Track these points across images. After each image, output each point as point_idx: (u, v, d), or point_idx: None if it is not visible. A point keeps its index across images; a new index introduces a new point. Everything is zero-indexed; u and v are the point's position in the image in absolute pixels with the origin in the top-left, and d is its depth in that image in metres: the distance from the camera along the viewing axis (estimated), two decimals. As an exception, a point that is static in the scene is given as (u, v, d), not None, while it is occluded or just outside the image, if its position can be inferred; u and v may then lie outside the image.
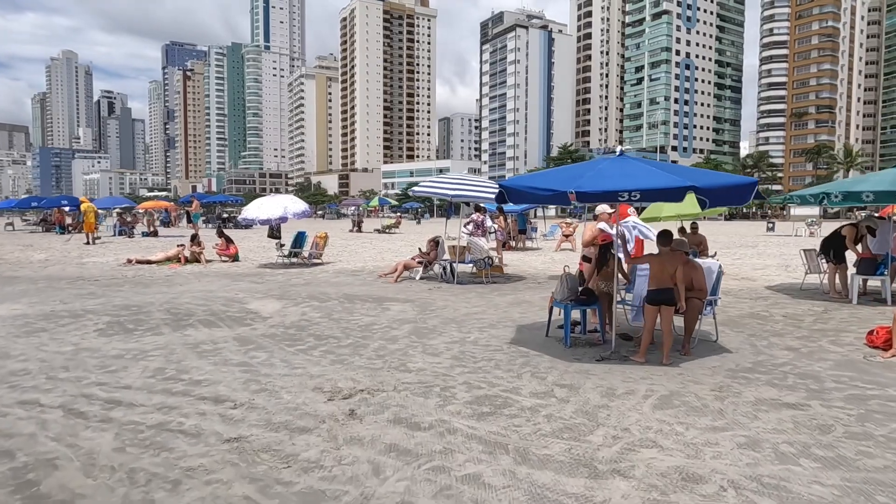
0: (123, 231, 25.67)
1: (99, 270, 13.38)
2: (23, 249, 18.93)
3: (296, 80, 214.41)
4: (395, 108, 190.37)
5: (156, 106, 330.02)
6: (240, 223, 18.96)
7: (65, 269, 13.77)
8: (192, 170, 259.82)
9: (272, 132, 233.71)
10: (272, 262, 14.72)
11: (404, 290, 10.31)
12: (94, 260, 15.45)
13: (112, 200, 31.19)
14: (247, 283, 11.28)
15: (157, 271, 13.16)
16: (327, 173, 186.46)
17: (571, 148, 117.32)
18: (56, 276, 12.50)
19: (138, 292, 10.09)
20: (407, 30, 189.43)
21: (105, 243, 22.34)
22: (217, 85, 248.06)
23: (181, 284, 11.03)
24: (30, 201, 35.64)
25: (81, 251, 18.02)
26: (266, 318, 7.76)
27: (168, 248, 18.59)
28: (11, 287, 10.82)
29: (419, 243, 22.21)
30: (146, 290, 10.30)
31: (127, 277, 12.11)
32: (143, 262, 14.26)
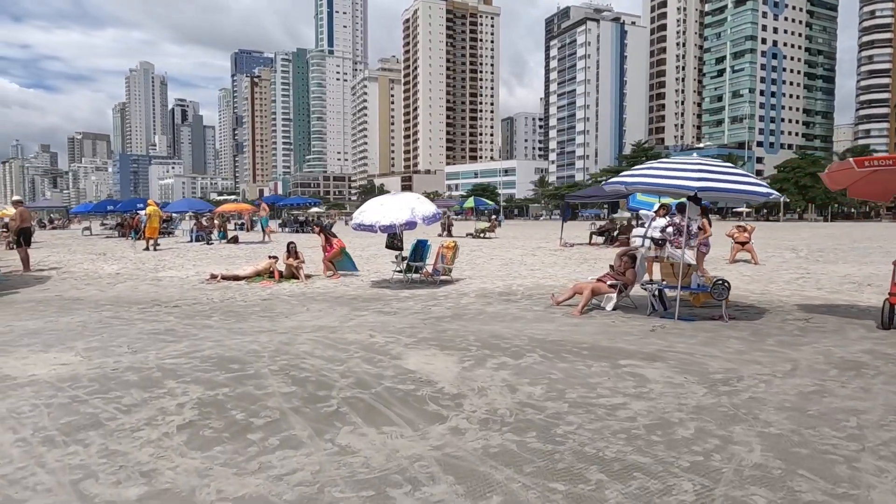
0: (201, 236, 23.57)
1: (178, 290, 10.68)
2: (94, 259, 16.78)
3: (359, 83, 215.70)
4: (458, 109, 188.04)
5: (225, 113, 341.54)
6: (321, 226, 15.81)
7: (137, 287, 11.16)
8: (260, 174, 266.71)
9: (335, 135, 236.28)
10: (386, 279, 11.66)
11: (613, 330, 6.93)
12: (171, 275, 12.87)
13: (188, 203, 29.44)
14: (373, 313, 8.18)
15: (249, 291, 10.33)
16: (390, 175, 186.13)
17: (646, 145, 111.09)
18: (126, 298, 9.84)
19: (233, 329, 7.14)
20: (470, 29, 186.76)
21: (181, 251, 20.10)
22: (283, 90, 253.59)
23: (286, 315, 8.04)
24: (106, 205, 34.68)
25: (157, 262, 15.61)
26: (454, 396, 4.53)
27: (254, 258, 15.97)
28: (69, 316, 8.14)
29: (528, 249, 18.96)
30: (243, 326, 7.34)
31: (213, 302, 9.28)
32: (229, 279, 11.51)
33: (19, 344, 6.49)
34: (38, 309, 8.87)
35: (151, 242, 20.12)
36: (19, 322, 7.81)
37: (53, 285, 11.55)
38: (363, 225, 9.75)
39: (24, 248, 13.31)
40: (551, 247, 21.30)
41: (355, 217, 10.16)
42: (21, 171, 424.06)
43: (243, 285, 11.05)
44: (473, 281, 11.31)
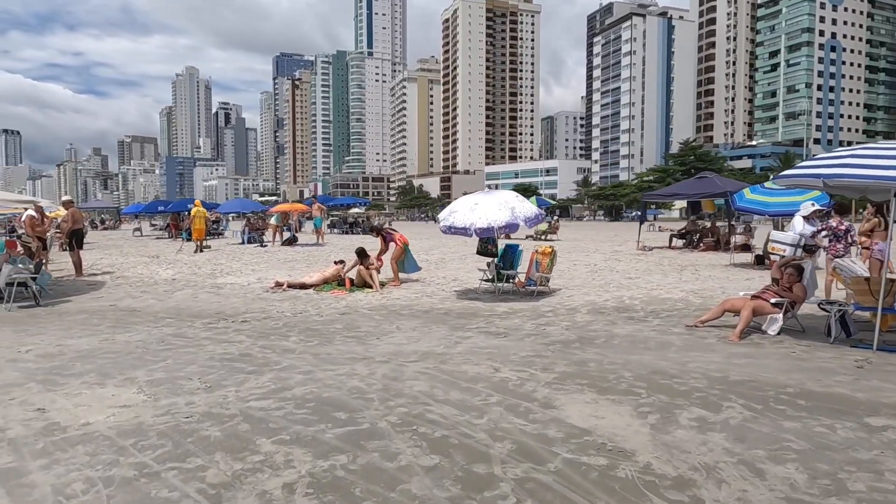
0: (253, 238, 22.74)
1: (241, 300, 9.55)
2: (148, 263, 15.95)
3: (398, 84, 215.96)
4: (497, 109, 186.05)
5: (266, 115, 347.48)
6: (378, 228, 14.06)
7: (197, 295, 10.09)
8: (300, 175, 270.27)
9: (374, 137, 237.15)
10: (469, 289, 10.29)
11: (805, 365, 5.38)
12: (230, 281, 11.81)
13: (241, 203, 28.74)
14: (478, 333, 6.81)
15: (321, 303, 9.11)
16: (428, 176, 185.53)
17: (694, 143, 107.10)
18: (187, 309, 8.75)
19: (319, 355, 5.88)
20: (510, 27, 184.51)
21: (235, 253, 19.21)
22: (323, 92, 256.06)
23: (376, 336, 6.74)
24: (156, 205, 34.48)
25: (213, 266, 14.63)
26: (677, 481, 3.11)
27: (313, 262, 14.85)
28: (127, 333, 7.04)
29: (605, 253, 16.72)
30: (330, 351, 6.08)
31: (286, 316, 8.08)
32: (295, 287, 10.34)
33: (71, 372, 5.36)
34: (92, 322, 7.83)
35: (198, 244, 19.46)
36: (71, 340, 6.73)
37: (107, 292, 10.60)
38: (455, 228, 8.40)
39: (76, 251, 12.48)
40: (626, 250, 19.61)
41: (444, 218, 8.79)
42: (75, 173, 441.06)
43: (312, 295, 9.85)
44: (572, 292, 9.83)
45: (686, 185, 20.49)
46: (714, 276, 11.67)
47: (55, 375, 5.27)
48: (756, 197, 12.20)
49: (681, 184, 21.79)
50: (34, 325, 7.76)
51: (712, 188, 17.17)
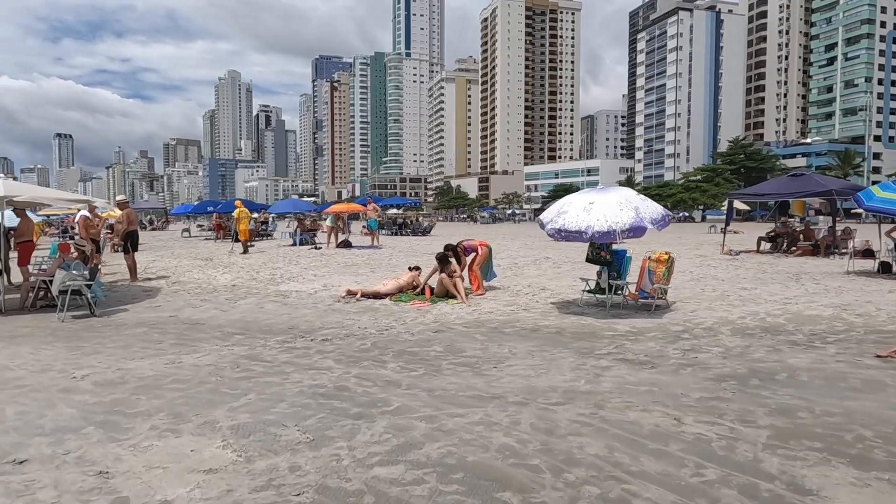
0: (305, 240, 21.92)
1: (313, 311, 8.50)
2: (202, 266, 15.17)
3: (436, 85, 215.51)
4: (537, 108, 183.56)
5: (305, 117, 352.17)
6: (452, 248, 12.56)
7: (262, 305, 9.09)
8: (338, 176, 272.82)
9: (412, 137, 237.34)
10: (567, 301, 9.02)
11: None
12: (294, 288, 10.80)
13: (292, 204, 28.05)
14: (616, 362, 5.54)
15: (404, 316, 7.97)
16: (466, 176, 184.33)
17: (744, 142, 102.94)
18: (256, 322, 7.73)
19: (433, 391, 4.72)
20: (550, 25, 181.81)
21: (289, 256, 18.35)
22: (361, 94, 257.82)
23: (494, 364, 5.54)
24: (206, 205, 34.24)
25: (272, 271, 13.70)
26: None
27: (375, 266, 13.72)
28: (194, 353, 6.02)
29: (689, 258, 13.66)
30: (446, 386, 4.91)
31: (369, 333, 6.96)
32: (369, 296, 9.24)
33: (137, 410, 4.32)
34: (153, 338, 6.87)
35: (244, 244, 19.04)
36: (132, 362, 5.75)
37: (165, 300, 9.72)
38: (566, 231, 7.11)
39: (131, 254, 11.71)
40: (709, 254, 17.95)
41: (552, 220, 7.48)
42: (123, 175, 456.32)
43: (390, 306, 8.74)
44: (692, 306, 8.45)
45: (778, 183, 18.68)
46: (846, 288, 10.08)
47: (118, 415, 4.24)
48: (892, 195, 10.49)
49: (771, 182, 19.94)
50: (90, 340, 6.84)
51: (812, 187, 15.41)
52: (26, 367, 5.66)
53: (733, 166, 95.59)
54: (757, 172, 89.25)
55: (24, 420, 4.19)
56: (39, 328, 7.65)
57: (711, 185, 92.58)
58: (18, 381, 5.19)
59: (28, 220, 10.00)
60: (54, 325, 7.84)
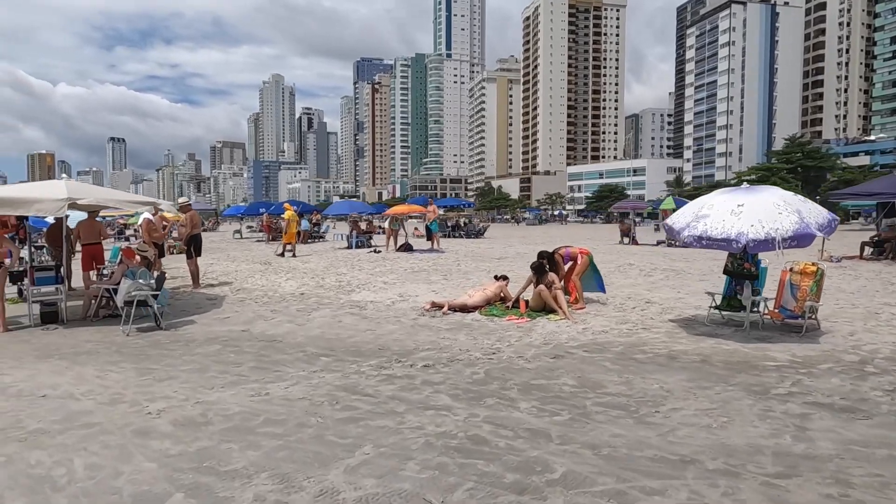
0: (361, 242, 21.20)
1: (398, 326, 7.56)
2: (263, 271, 14.50)
3: (476, 85, 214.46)
4: (580, 107, 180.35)
5: (346, 119, 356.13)
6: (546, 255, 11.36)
7: (339, 318, 8.22)
8: (378, 177, 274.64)
9: (452, 138, 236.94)
10: (688, 317, 7.84)
11: None
12: (368, 298, 9.91)
13: (349, 205, 27.42)
14: (810, 407, 4.38)
15: (503, 333, 6.95)
16: (507, 177, 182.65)
17: (802, 139, 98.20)
18: (338, 339, 6.84)
19: (598, 450, 3.67)
20: (594, 23, 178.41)
21: (349, 260, 17.59)
22: (402, 95, 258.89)
23: (652, 406, 4.45)
24: (258, 207, 34.08)
25: (338, 278, 12.88)
26: None
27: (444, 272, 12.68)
28: (281, 384, 5.14)
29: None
30: (606, 437, 3.86)
31: (473, 355, 5.96)
32: (456, 309, 8.26)
33: (230, 469, 3.41)
34: (228, 359, 6.04)
35: (289, 248, 18.76)
36: (213, 392, 4.90)
37: (232, 310, 8.96)
38: (710, 239, 5.92)
39: (194, 259, 11.06)
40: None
41: (688, 225, 6.26)
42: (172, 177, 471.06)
43: (484, 321, 7.73)
44: (843, 327, 7.14)
45: (888, 181, 16.86)
46: None
47: (209, 475, 3.35)
48: None
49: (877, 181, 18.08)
50: (159, 360, 6.06)
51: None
52: (94, 396, 4.88)
53: (790, 165, 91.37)
54: (816, 172, 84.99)
55: (97, 480, 3.34)
56: (103, 343, 6.95)
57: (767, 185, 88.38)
58: (87, 416, 4.39)
59: (94, 221, 9.41)
60: (119, 339, 7.13)
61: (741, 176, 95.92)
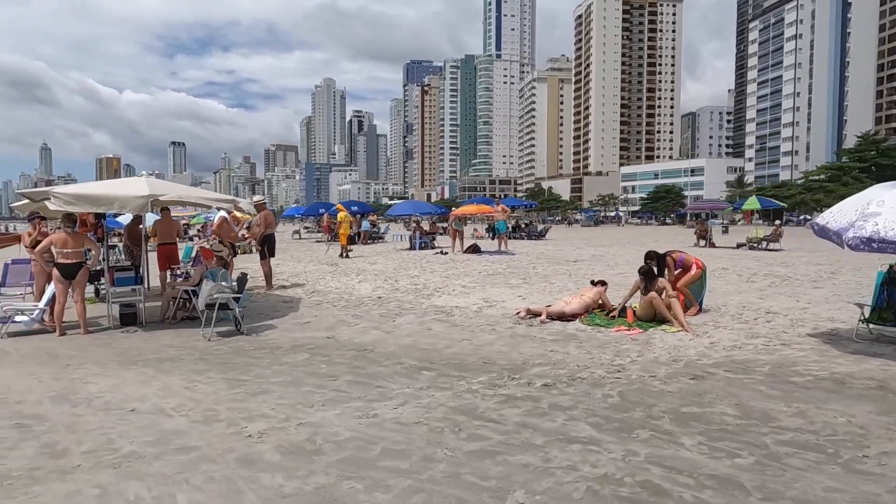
0: (424, 243, 20.71)
1: (496, 336, 6.88)
2: (332, 272, 14.13)
3: (527, 85, 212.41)
4: (634, 106, 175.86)
5: (396, 122, 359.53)
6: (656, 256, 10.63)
7: (428, 325, 7.61)
8: (427, 178, 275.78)
9: (501, 139, 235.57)
10: (823, 332, 6.86)
11: None
12: (450, 303, 9.29)
13: (413, 205, 26.97)
14: None
15: (617, 345, 6.17)
16: (558, 178, 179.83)
17: (877, 136, 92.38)
18: (433, 350, 6.22)
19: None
20: (649, 19, 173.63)
21: (417, 261, 17.07)
22: (451, 96, 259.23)
23: (859, 451, 3.60)
24: (317, 207, 34.21)
25: (411, 280, 12.33)
26: None
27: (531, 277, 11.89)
28: (388, 403, 4.53)
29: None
30: (811, 489, 3.05)
31: (595, 373, 5.22)
32: (554, 317, 7.52)
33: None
34: (321, 370, 5.50)
35: (345, 249, 18.78)
36: (312, 412, 4.33)
37: (311, 314, 8.49)
38: (884, 241, 4.98)
39: (267, 260, 10.72)
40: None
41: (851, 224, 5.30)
42: (228, 179, 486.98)
43: (589, 331, 6.96)
44: None
45: None
46: None
47: (340, 527, 2.73)
48: None
49: None
50: (248, 370, 5.58)
51: None
52: (186, 412, 4.39)
53: (863, 164, 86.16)
54: (892, 171, 79.74)
55: (208, 526, 2.78)
56: (186, 349, 6.55)
57: (838, 186, 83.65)
58: (181, 437, 3.88)
59: (172, 221, 9.16)
60: (201, 345, 6.73)
61: (809, 175, 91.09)
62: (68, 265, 7.34)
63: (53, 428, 4.12)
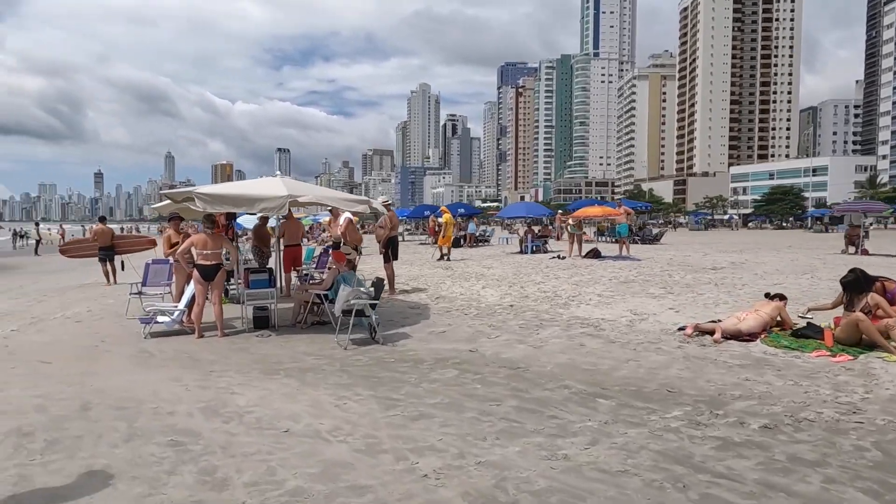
0: (537, 246, 19.87)
1: (667, 357, 5.94)
2: (451, 276, 13.62)
3: (626, 84, 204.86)
4: (745, 102, 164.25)
5: (489, 124, 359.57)
6: None
7: (579, 340, 6.79)
8: (521, 181, 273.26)
9: (598, 140, 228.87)
10: None
11: None
12: (598, 315, 8.41)
13: (526, 207, 26.19)
14: None
15: (824, 374, 5.05)
16: (659, 179, 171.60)
17: None
18: (599, 372, 5.41)
19: None
20: (763, 9, 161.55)
21: (536, 265, 16.25)
22: (546, 98, 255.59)
23: None
24: (422, 210, 34.32)
25: (536, 286, 11.53)
26: None
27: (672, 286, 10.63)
28: (568, 435, 3.79)
29: None
30: None
31: (826, 416, 4.17)
32: (728, 336, 6.45)
33: None
34: (476, 390, 4.86)
35: (448, 251, 18.39)
36: (488, 447, 3.68)
37: (443, 323, 7.94)
38: None
39: (390, 263, 10.37)
40: None
41: None
42: (328, 183, 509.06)
43: (779, 353, 5.85)
44: None
45: None
46: None
47: None
48: None
49: None
50: (396, 387, 5.05)
51: None
52: (344, 438, 3.89)
53: None
54: None
55: None
56: (324, 358, 6.17)
57: None
58: (348, 472, 3.36)
59: (298, 223, 9.00)
60: (338, 354, 6.34)
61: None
62: (207, 266, 7.25)
63: (209, 448, 3.75)
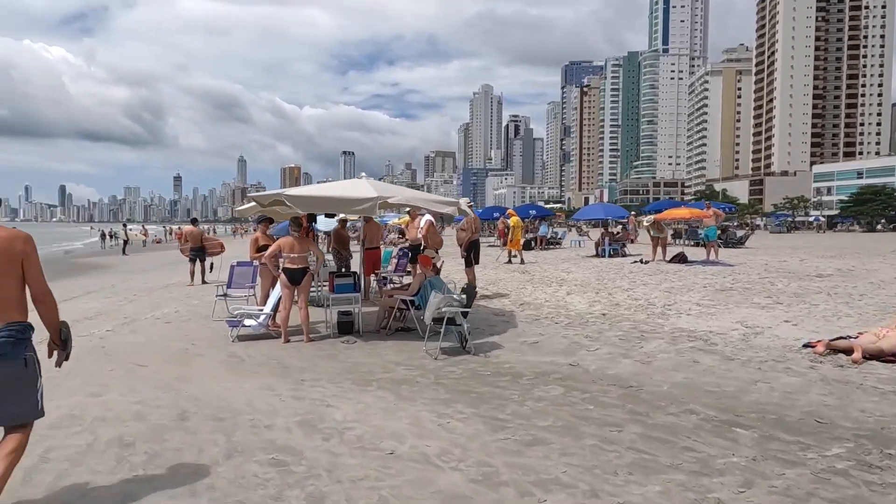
0: (615, 250, 19.04)
1: (801, 380, 5.27)
2: (529, 281, 13.14)
3: (698, 80, 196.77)
4: (829, 97, 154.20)
5: (552, 125, 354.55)
6: None
7: (686, 354, 6.18)
8: (585, 182, 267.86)
9: (667, 139, 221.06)
10: None
11: None
12: (704, 328, 7.74)
13: (604, 209, 25.27)
14: None
15: None
16: (734, 179, 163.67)
17: None
18: (721, 392, 4.83)
19: None
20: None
21: (619, 270, 15.51)
22: (612, 96, 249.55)
23: None
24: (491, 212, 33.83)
25: (626, 292, 10.88)
26: None
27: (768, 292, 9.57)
28: (711, 471, 3.26)
29: None
30: None
31: None
32: (868, 356, 5.68)
33: None
34: (589, 412, 4.39)
35: (514, 254, 18.00)
36: (624, 488, 3.22)
37: (534, 332, 7.49)
38: None
39: (472, 268, 10.02)
40: None
41: None
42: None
43: (939, 382, 5.06)
44: None
45: None
46: None
47: None
48: None
49: None
50: (499, 405, 4.65)
51: None
52: (455, 464, 3.53)
53: None
54: None
55: None
56: (415, 369, 5.86)
57: None
58: (471, 510, 2.98)
59: (378, 225, 8.79)
60: (430, 364, 6.02)
61: None
62: (294, 270, 7.12)
63: (313, 471, 3.48)
